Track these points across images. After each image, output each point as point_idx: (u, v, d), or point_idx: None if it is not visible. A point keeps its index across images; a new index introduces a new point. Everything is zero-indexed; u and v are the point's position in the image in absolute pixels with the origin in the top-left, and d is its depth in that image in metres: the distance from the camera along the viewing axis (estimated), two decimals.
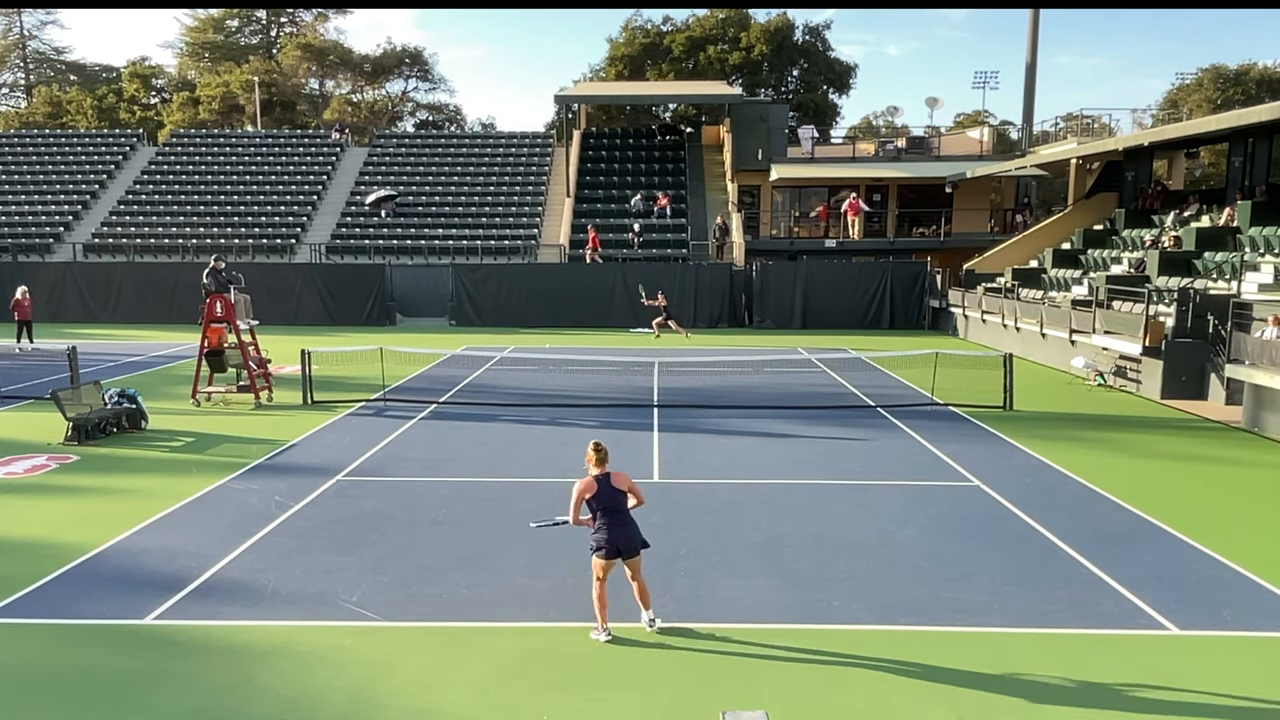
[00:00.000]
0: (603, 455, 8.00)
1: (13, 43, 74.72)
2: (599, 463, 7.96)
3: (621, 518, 7.90)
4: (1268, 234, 22.15)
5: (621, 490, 7.95)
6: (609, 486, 7.91)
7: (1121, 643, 7.90)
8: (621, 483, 7.98)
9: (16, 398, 19.15)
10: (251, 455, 14.27)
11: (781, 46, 58.97)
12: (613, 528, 7.84)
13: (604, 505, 7.87)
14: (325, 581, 9.16)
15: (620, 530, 7.85)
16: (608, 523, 7.85)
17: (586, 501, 7.90)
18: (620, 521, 7.88)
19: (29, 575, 9.25)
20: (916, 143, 42.15)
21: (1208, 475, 13.59)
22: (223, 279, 18.51)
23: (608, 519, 7.86)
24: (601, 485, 7.90)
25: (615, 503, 7.90)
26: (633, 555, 7.91)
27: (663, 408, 18.35)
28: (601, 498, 7.88)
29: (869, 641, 7.91)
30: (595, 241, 36.40)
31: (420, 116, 72.73)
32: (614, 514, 7.87)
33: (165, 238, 38.67)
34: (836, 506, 11.77)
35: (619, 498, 7.93)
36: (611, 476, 7.95)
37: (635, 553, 7.92)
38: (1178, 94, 60.36)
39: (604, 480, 7.92)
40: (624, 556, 7.87)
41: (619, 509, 7.91)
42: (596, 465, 7.96)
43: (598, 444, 8.04)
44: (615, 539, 7.82)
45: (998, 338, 27.65)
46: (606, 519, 7.86)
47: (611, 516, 7.86)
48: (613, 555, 7.83)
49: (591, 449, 8.02)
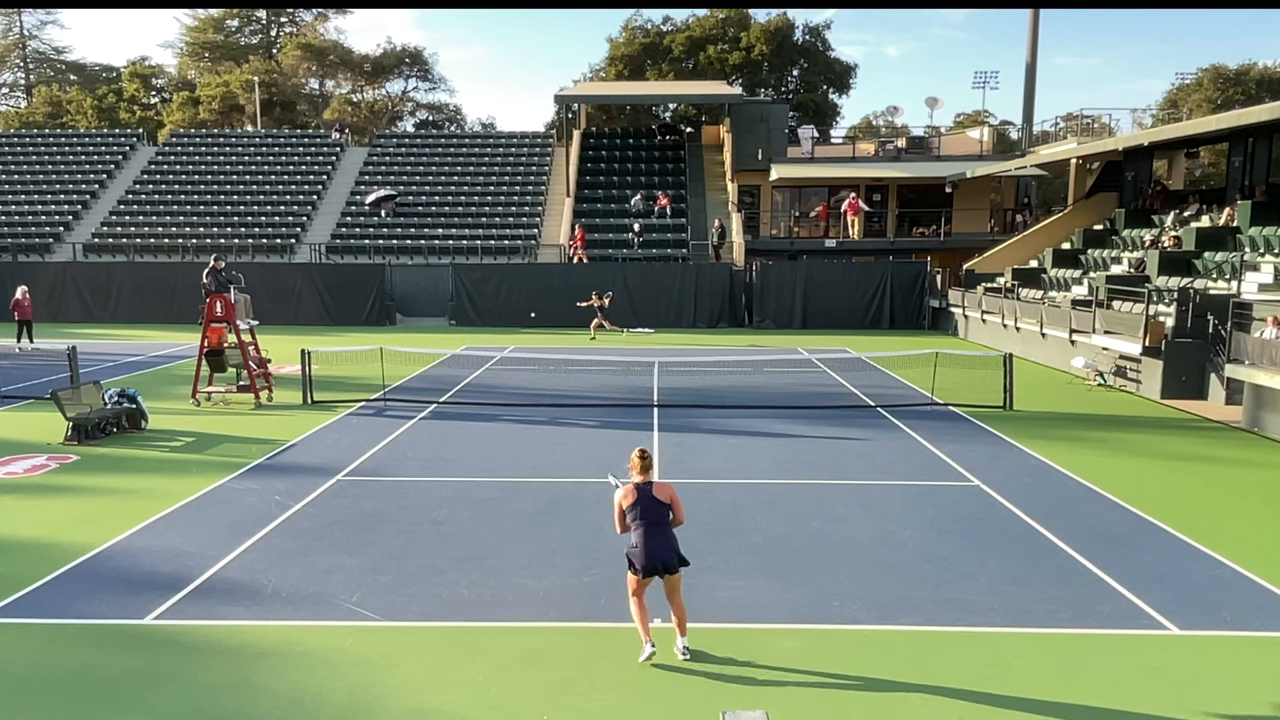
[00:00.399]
0: (647, 462, 7.63)
1: (13, 42, 74.73)
2: (642, 470, 7.60)
3: (658, 530, 7.46)
4: (1267, 234, 22.15)
5: (663, 502, 7.57)
6: (650, 496, 7.54)
7: (1121, 643, 7.90)
8: (663, 494, 7.60)
9: (16, 398, 19.15)
10: (251, 455, 14.27)
11: (781, 46, 58.97)
12: (648, 540, 7.41)
13: (642, 516, 7.47)
14: (325, 581, 9.16)
15: (655, 543, 7.41)
16: (644, 535, 7.44)
17: (625, 510, 7.55)
18: (656, 534, 7.44)
19: (29, 575, 9.25)
20: (916, 143, 42.16)
21: (1208, 475, 13.59)
22: (223, 279, 18.51)
23: (644, 531, 7.44)
24: (642, 494, 7.54)
25: (654, 515, 7.50)
26: (670, 572, 7.47)
27: (663, 408, 18.35)
28: (641, 507, 7.49)
29: (869, 641, 7.91)
30: (581, 240, 36.45)
31: (420, 116, 72.77)
32: (651, 526, 7.45)
33: (165, 238, 38.68)
34: (836, 506, 11.77)
35: (659, 510, 7.53)
36: (654, 486, 7.60)
37: (673, 570, 7.47)
38: (1178, 94, 60.35)
39: (645, 489, 7.56)
40: (659, 574, 7.45)
41: (657, 521, 7.49)
42: (640, 473, 7.60)
43: (643, 451, 7.70)
44: (649, 553, 7.39)
45: (998, 338, 27.65)
46: (643, 531, 7.45)
47: (649, 529, 7.44)
48: (649, 573, 7.42)
49: (636, 455, 7.65)
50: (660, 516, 7.53)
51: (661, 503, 7.56)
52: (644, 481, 7.58)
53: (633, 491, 7.55)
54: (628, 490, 7.58)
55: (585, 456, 14.36)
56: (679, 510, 7.68)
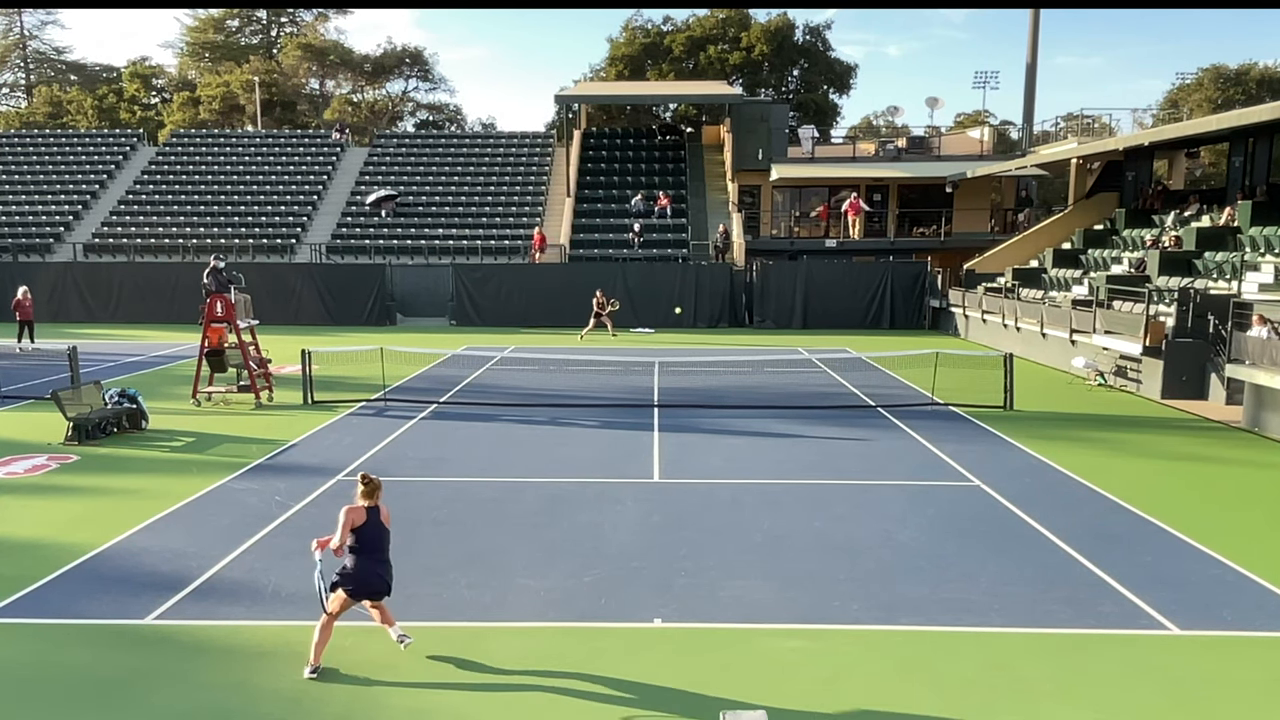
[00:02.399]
0: (371, 487, 7.54)
1: (13, 43, 74.71)
2: (366, 494, 7.53)
3: (381, 557, 7.55)
4: (1268, 234, 22.14)
5: (387, 528, 7.61)
6: (377, 520, 7.53)
7: (1122, 643, 7.89)
8: (388, 520, 7.66)
9: (17, 398, 19.16)
10: (252, 455, 14.27)
11: (782, 46, 58.94)
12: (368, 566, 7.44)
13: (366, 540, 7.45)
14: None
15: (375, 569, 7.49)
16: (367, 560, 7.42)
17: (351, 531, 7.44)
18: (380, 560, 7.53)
19: (29, 575, 9.25)
20: (917, 143, 42.14)
21: (1208, 475, 13.59)
22: (223, 279, 18.51)
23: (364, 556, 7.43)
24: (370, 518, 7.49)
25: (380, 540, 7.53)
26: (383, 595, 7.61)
27: (663, 408, 18.35)
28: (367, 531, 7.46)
29: (869, 641, 7.91)
30: (540, 242, 36.52)
31: (420, 116, 72.72)
32: (375, 552, 7.50)
33: (165, 238, 38.67)
34: (837, 506, 11.77)
35: (384, 536, 7.57)
36: (380, 510, 7.57)
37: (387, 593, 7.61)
38: (1178, 94, 60.34)
39: (374, 513, 7.52)
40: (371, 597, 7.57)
41: (380, 547, 7.54)
42: (364, 497, 7.52)
43: (365, 476, 7.62)
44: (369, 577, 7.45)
45: (998, 338, 27.65)
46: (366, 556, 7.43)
47: (373, 554, 7.48)
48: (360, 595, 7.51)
49: (359, 480, 7.60)
50: (384, 543, 7.55)
51: (386, 529, 7.58)
52: (371, 505, 7.50)
53: (362, 514, 7.45)
54: (357, 511, 7.45)
55: (585, 457, 14.36)
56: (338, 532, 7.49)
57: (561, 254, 37.15)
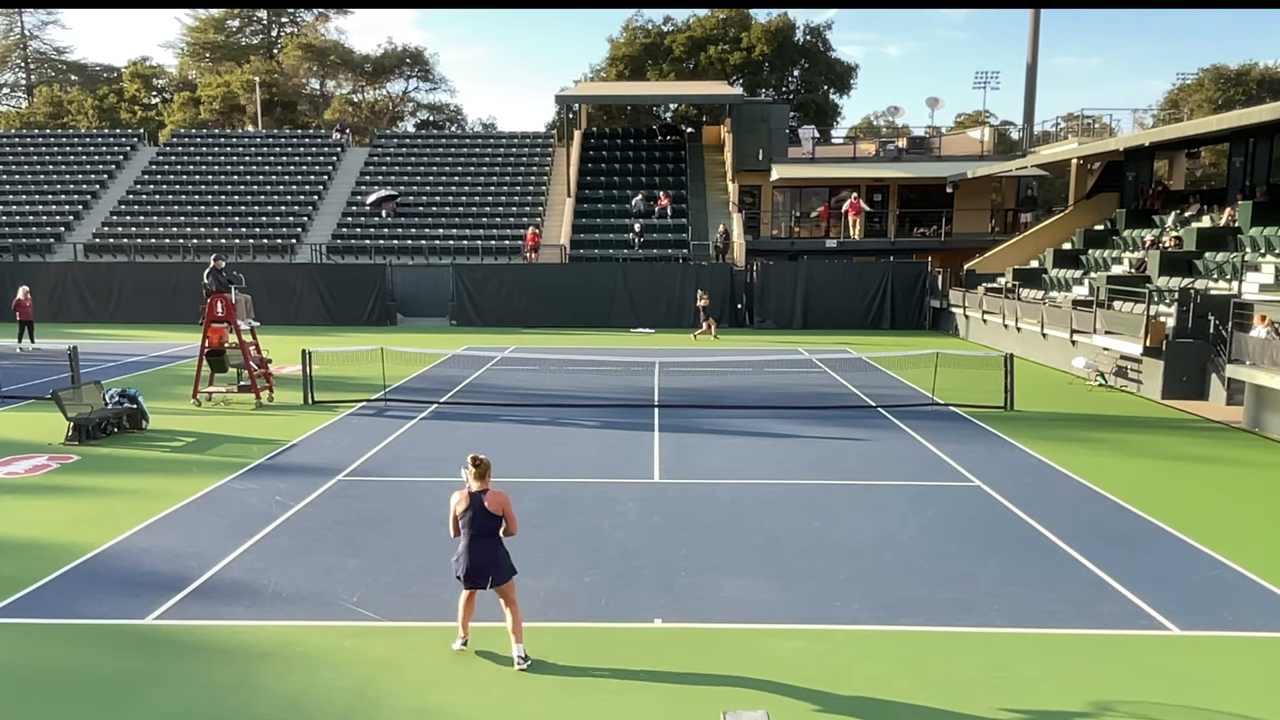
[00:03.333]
0: (481, 469, 7.41)
1: (14, 43, 74.71)
2: (478, 477, 7.40)
3: (485, 541, 7.38)
4: (1268, 234, 22.14)
5: (494, 514, 7.40)
6: (482, 506, 7.37)
7: (1122, 643, 7.89)
8: (495, 504, 7.40)
9: (17, 398, 19.16)
10: (252, 455, 14.27)
11: (782, 47, 58.95)
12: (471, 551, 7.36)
13: (470, 525, 7.36)
14: (326, 582, 9.16)
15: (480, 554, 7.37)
16: (467, 544, 7.38)
17: (457, 515, 7.38)
18: (483, 545, 7.37)
19: (29, 575, 9.25)
20: (917, 143, 42.13)
21: (1209, 476, 13.59)
22: (223, 279, 18.51)
23: (469, 541, 7.38)
24: (474, 503, 7.37)
25: (483, 526, 7.37)
26: (496, 585, 7.43)
27: (663, 408, 18.35)
28: (472, 515, 7.35)
29: (870, 642, 7.91)
30: (533, 241, 36.68)
31: (421, 117, 72.70)
32: (477, 537, 7.37)
33: (166, 238, 38.68)
34: (837, 507, 11.76)
35: (489, 521, 7.39)
36: (487, 496, 7.40)
37: (500, 581, 7.43)
38: (1178, 94, 60.32)
39: (478, 498, 7.38)
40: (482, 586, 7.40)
41: (486, 533, 7.38)
42: (476, 480, 7.40)
43: (476, 458, 7.48)
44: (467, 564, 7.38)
45: (998, 338, 27.64)
46: (468, 540, 7.38)
47: (475, 539, 7.36)
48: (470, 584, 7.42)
49: (470, 462, 7.45)
50: (490, 528, 7.37)
51: (493, 515, 7.37)
52: (479, 490, 7.37)
53: (466, 498, 7.36)
54: (461, 496, 7.38)
55: (586, 457, 14.36)
56: (512, 522, 7.45)
57: (562, 254, 37.15)
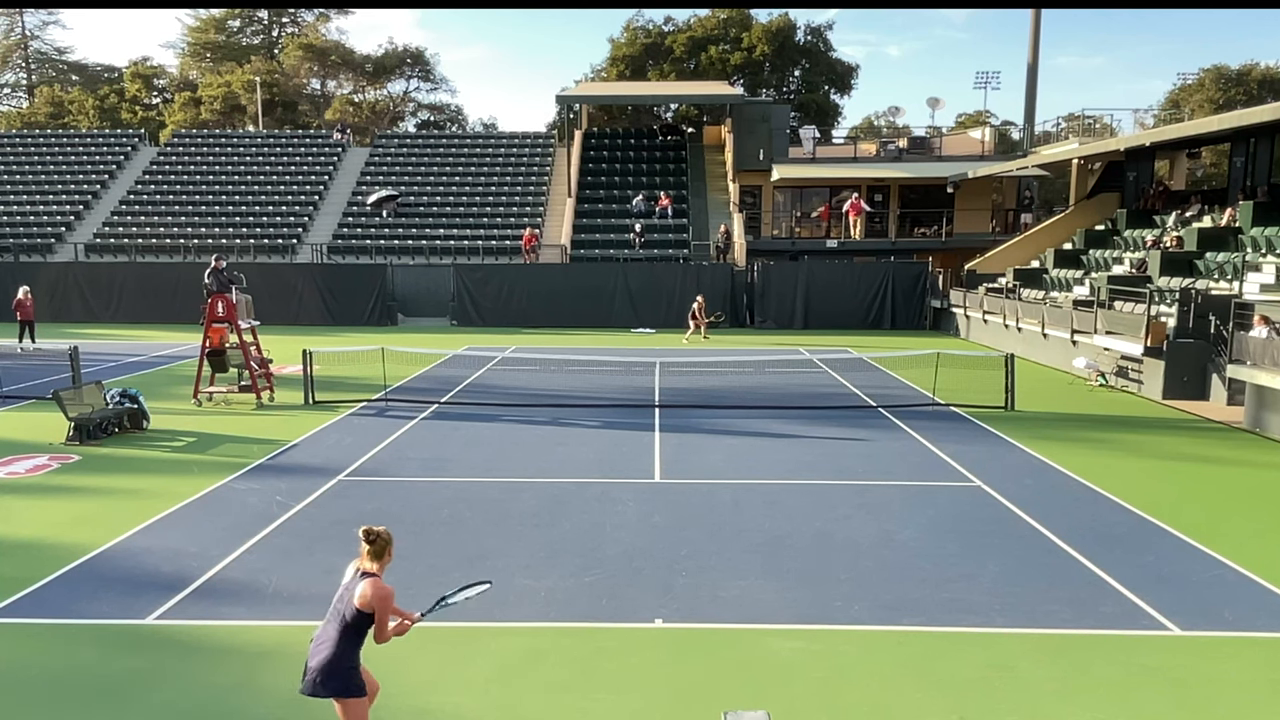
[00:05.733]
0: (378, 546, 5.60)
1: (15, 43, 74.72)
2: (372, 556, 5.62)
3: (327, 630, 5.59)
4: (1269, 234, 22.13)
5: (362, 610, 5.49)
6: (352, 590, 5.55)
7: (1123, 643, 7.89)
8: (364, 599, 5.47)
9: (18, 398, 19.16)
10: (253, 455, 14.28)
11: (783, 47, 58.95)
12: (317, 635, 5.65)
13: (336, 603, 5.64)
14: (326, 582, 9.14)
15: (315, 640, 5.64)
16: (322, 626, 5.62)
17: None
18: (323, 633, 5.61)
19: (29, 575, 9.26)
20: (918, 143, 42.14)
21: (1209, 476, 13.58)
22: (224, 279, 18.51)
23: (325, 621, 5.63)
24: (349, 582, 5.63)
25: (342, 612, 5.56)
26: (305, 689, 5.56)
27: (664, 408, 18.35)
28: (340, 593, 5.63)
29: (870, 642, 7.90)
30: (529, 241, 36.67)
31: (422, 117, 72.76)
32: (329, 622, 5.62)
33: (167, 238, 38.70)
34: (838, 507, 11.76)
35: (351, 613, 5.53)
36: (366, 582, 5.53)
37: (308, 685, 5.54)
38: (1179, 94, 60.32)
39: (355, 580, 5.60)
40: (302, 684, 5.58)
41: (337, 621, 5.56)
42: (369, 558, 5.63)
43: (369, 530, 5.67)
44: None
45: (999, 338, 27.64)
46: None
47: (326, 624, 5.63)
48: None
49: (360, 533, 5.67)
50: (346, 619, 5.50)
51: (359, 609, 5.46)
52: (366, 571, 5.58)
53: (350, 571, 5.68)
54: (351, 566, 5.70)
55: (586, 457, 14.36)
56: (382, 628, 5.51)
57: (563, 254, 37.16)
